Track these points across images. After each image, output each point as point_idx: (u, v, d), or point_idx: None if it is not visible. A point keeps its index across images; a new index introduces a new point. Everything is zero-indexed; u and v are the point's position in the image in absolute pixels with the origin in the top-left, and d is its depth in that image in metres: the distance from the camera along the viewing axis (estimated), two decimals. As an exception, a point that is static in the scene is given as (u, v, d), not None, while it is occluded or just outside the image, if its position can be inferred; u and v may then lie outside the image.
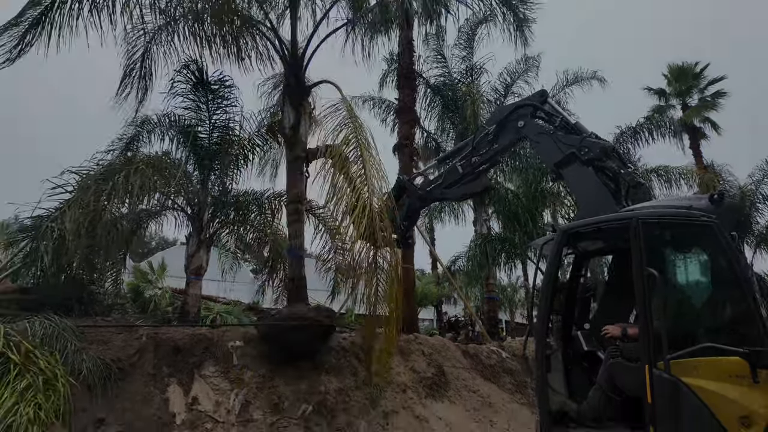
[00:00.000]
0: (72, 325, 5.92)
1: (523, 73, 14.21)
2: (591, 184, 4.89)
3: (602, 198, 4.75)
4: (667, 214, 3.91)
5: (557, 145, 5.25)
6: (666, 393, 3.27)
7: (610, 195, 4.78)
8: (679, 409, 3.23)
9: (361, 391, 6.66)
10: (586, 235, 4.41)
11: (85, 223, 6.34)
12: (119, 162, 7.30)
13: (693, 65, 20.70)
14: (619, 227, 4.01)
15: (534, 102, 5.91)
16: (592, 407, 3.97)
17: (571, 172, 5.11)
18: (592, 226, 4.31)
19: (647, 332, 3.46)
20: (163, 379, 5.89)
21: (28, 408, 4.47)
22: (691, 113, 20.19)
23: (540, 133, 5.57)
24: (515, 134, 5.87)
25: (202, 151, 8.98)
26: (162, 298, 13.68)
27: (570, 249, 4.83)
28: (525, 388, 8.55)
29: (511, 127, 5.85)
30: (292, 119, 7.97)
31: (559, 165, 5.15)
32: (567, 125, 5.48)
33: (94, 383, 5.33)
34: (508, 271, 15.83)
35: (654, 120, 15.15)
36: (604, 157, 4.97)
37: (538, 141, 5.59)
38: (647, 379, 3.33)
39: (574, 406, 4.08)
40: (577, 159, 5.02)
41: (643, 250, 3.63)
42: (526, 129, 5.71)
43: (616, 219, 4.16)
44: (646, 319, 3.49)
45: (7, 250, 8.73)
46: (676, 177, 14.29)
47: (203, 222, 8.90)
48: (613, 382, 3.88)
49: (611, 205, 4.67)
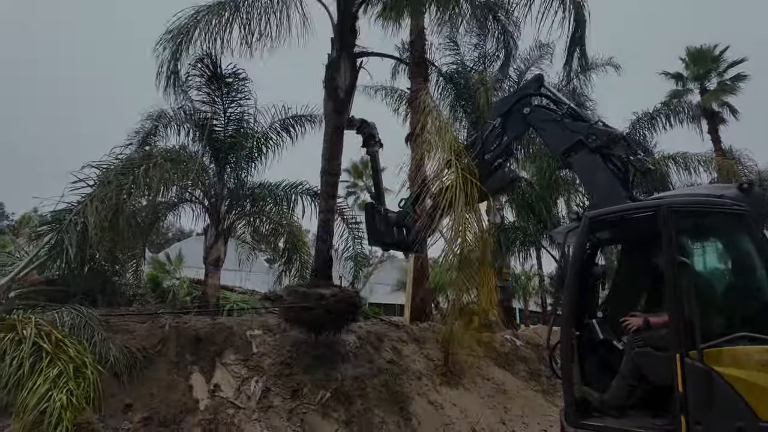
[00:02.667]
0: (98, 315, 6.15)
1: (537, 60, 14.06)
2: (599, 171, 4.85)
3: (611, 185, 4.73)
4: (699, 203, 3.88)
5: (564, 132, 5.20)
6: (699, 382, 3.25)
7: (618, 182, 4.77)
8: (711, 399, 3.22)
9: (377, 378, 6.80)
10: (611, 223, 4.34)
11: (107, 216, 6.51)
12: (138, 156, 7.46)
13: (712, 48, 20.23)
14: (648, 215, 3.94)
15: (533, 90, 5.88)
16: (615, 396, 3.96)
17: (578, 160, 5.09)
18: (619, 214, 4.26)
19: (678, 321, 3.44)
20: (186, 366, 6.09)
21: (60, 394, 4.67)
22: (710, 97, 19.79)
23: (546, 120, 5.50)
24: (522, 124, 5.80)
25: (217, 144, 9.11)
26: (180, 288, 14.00)
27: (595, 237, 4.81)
28: (539, 375, 8.63)
29: (517, 116, 5.78)
30: (349, 80, 7.13)
31: (566, 152, 5.13)
32: (573, 112, 5.45)
33: (121, 371, 5.54)
34: (521, 259, 15.87)
35: (671, 105, 14.88)
36: (612, 144, 4.94)
37: (544, 128, 5.54)
38: (678, 369, 3.33)
39: (596, 395, 4.06)
40: (585, 146, 4.98)
41: (673, 239, 3.60)
42: (531, 116, 5.64)
43: (645, 207, 4.11)
44: (677, 308, 3.47)
45: (33, 243, 9.03)
46: (695, 164, 14.05)
47: (220, 214, 9.06)
48: (638, 372, 3.87)
49: (620, 192, 4.66)
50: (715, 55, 20.13)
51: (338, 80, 7.07)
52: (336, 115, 7.09)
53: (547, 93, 5.89)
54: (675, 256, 3.52)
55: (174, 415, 5.40)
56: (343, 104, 7.08)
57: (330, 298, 6.40)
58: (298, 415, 5.93)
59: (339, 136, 7.11)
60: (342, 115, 7.11)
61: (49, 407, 4.55)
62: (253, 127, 9.72)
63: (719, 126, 19.50)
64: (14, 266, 7.15)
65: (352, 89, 7.14)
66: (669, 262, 3.56)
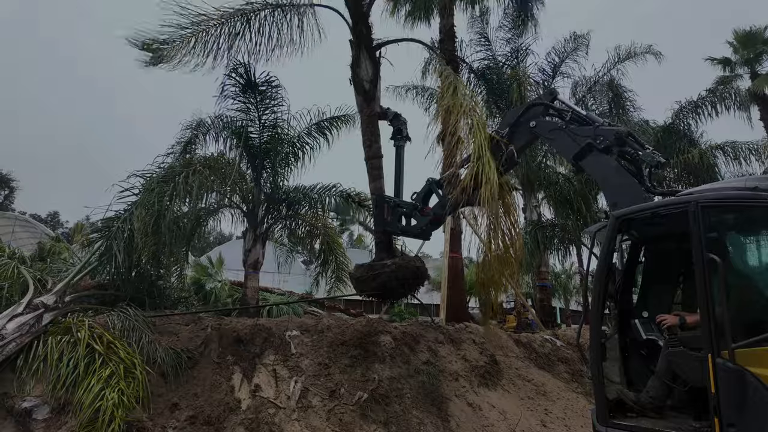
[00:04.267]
0: (144, 317, 6.44)
1: (572, 52, 13.67)
2: (612, 170, 4.88)
3: (626, 182, 4.71)
4: (729, 197, 3.67)
5: (572, 138, 5.30)
6: (731, 383, 3.14)
7: (633, 178, 4.75)
8: (745, 400, 3.10)
9: (414, 379, 6.79)
10: (640, 220, 4.25)
11: (150, 222, 6.80)
12: (179, 164, 7.75)
13: (762, 29, 19.10)
14: (677, 212, 3.81)
15: (544, 101, 6.03)
16: (652, 397, 3.89)
17: (590, 162, 5.14)
18: (647, 212, 4.15)
19: (709, 320, 3.31)
20: (228, 367, 6.28)
21: (112, 393, 4.93)
22: (762, 81, 18.69)
23: (553, 130, 5.65)
24: (529, 134, 5.99)
25: (253, 150, 9.36)
26: (221, 290, 14.47)
27: (625, 235, 4.73)
28: (581, 377, 8.38)
29: (524, 128, 5.98)
30: (371, 72, 7.82)
31: (577, 157, 5.19)
32: (578, 118, 5.57)
33: (167, 371, 5.79)
34: (561, 257, 15.47)
35: (717, 92, 14.13)
36: (620, 142, 4.98)
37: (553, 137, 5.68)
38: (711, 369, 3.22)
39: (632, 395, 3.99)
40: (594, 148, 5.06)
41: (703, 235, 3.46)
42: (538, 128, 5.82)
43: (673, 203, 3.99)
44: (708, 306, 3.33)
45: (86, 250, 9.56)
46: (745, 153, 13.30)
47: (258, 218, 9.30)
48: (672, 372, 3.79)
49: (636, 188, 4.64)
50: (766, 37, 19.01)
51: (361, 74, 7.77)
52: (365, 104, 7.73)
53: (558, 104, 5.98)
54: (705, 254, 3.39)
55: (218, 414, 5.57)
56: (369, 94, 7.70)
57: (392, 265, 6.85)
58: (336, 416, 6.00)
59: (373, 123, 7.69)
60: (371, 104, 7.70)
61: (102, 406, 4.82)
62: (288, 132, 9.94)
63: (773, 112, 18.41)
64: (68, 272, 7.58)
65: (376, 79, 7.74)
66: (699, 259, 3.44)
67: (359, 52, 7.83)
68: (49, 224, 41.87)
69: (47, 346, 5.42)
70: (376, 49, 7.91)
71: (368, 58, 7.80)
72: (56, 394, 5.05)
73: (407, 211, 7.13)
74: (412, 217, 7.10)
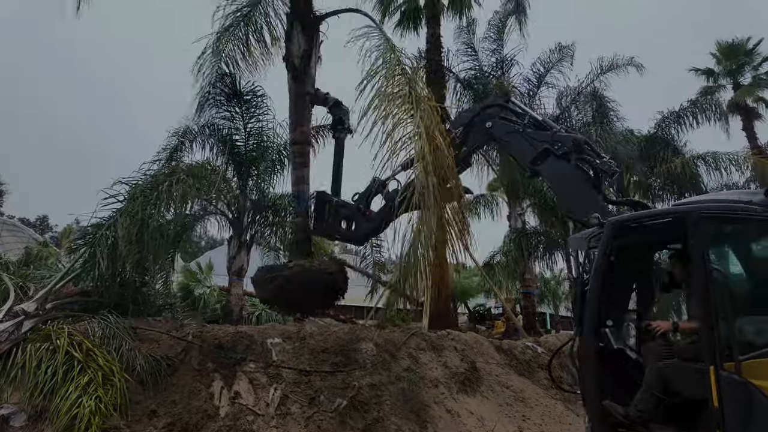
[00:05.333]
0: (126, 324, 6.48)
1: (556, 63, 13.92)
2: (569, 176, 4.88)
3: (583, 190, 4.75)
4: (732, 209, 3.68)
5: (529, 143, 5.25)
6: (736, 396, 3.10)
7: (590, 186, 4.80)
8: (750, 413, 3.09)
9: (394, 386, 6.87)
10: (635, 228, 4.22)
11: (134, 231, 6.86)
12: (163, 172, 7.82)
13: (745, 41, 19.53)
14: (674, 221, 3.88)
15: (499, 102, 5.98)
16: (641, 410, 3.78)
17: (547, 168, 5.11)
18: (644, 220, 4.22)
19: (712, 332, 3.28)
20: (209, 374, 6.33)
21: (90, 401, 4.99)
22: (744, 92, 19.10)
23: (509, 132, 5.54)
24: (484, 135, 5.84)
25: (239, 157, 9.44)
26: (210, 296, 14.47)
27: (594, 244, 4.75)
28: (560, 383, 8.49)
29: (479, 129, 5.84)
30: (303, 46, 7.10)
31: (534, 162, 5.15)
32: (535, 122, 5.49)
33: (146, 379, 5.82)
34: (547, 264, 15.65)
35: (698, 104, 14.44)
36: (578, 149, 4.97)
37: (508, 140, 5.58)
38: (713, 382, 3.17)
39: (620, 408, 3.85)
40: (552, 154, 5.02)
41: (705, 245, 3.49)
42: (494, 129, 5.68)
43: (673, 212, 4.11)
44: (710, 318, 3.32)
45: (69, 256, 9.56)
46: (726, 163, 13.59)
47: (243, 225, 9.37)
48: (665, 384, 3.73)
49: (593, 196, 4.69)
50: (748, 49, 19.45)
51: (292, 49, 7.09)
52: (294, 83, 7.00)
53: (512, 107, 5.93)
54: (707, 265, 3.42)
55: (196, 421, 5.62)
56: (299, 70, 6.97)
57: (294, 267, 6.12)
58: (314, 422, 6.07)
59: (302, 104, 7.00)
60: (301, 83, 6.98)
61: (79, 413, 4.87)
62: (273, 140, 10.04)
63: (755, 122, 18.79)
64: (52, 278, 7.60)
65: (308, 56, 6.99)
66: (700, 269, 3.43)
67: (292, 25, 7.20)
68: (38, 228, 41.51)
69: (26, 354, 5.45)
70: (313, 22, 7.18)
71: (301, 31, 7.10)
72: (33, 401, 5.09)
73: (349, 214, 6.67)
74: (354, 220, 6.64)
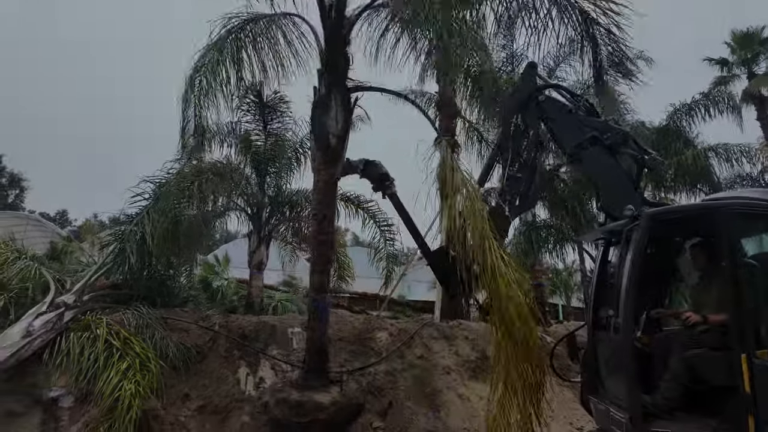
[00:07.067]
0: (157, 315, 6.95)
1: (567, 57, 13.97)
2: (613, 169, 4.82)
3: (624, 183, 4.75)
4: (757, 206, 3.93)
5: (578, 126, 5.04)
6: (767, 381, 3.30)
7: (629, 181, 4.80)
8: None
9: (408, 372, 7.26)
10: (671, 221, 4.34)
11: (165, 226, 7.31)
12: (190, 172, 8.21)
13: (759, 30, 19.29)
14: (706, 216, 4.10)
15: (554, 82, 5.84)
16: (667, 398, 3.90)
17: (591, 155, 4.95)
18: (679, 214, 4.48)
19: (744, 321, 3.50)
20: (235, 361, 6.79)
21: (130, 385, 5.45)
22: (758, 82, 18.90)
23: (560, 110, 5.25)
24: (536, 113, 5.41)
25: (258, 156, 9.85)
26: (228, 288, 14.99)
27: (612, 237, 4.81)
28: (569, 371, 8.79)
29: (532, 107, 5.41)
30: (341, 124, 5.68)
31: (579, 146, 4.97)
32: (588, 107, 5.29)
33: (178, 365, 6.30)
34: (558, 256, 15.83)
35: (711, 96, 14.44)
36: (625, 143, 4.90)
37: (556, 119, 5.25)
38: (745, 369, 3.36)
39: (647, 398, 3.92)
40: (599, 142, 4.87)
41: (738, 240, 3.74)
42: (546, 103, 5.34)
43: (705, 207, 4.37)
44: (742, 308, 3.53)
45: (97, 249, 10.08)
46: (737, 155, 13.62)
47: (262, 221, 9.79)
48: (693, 373, 3.87)
49: (632, 192, 4.70)
50: (763, 38, 19.21)
51: (329, 123, 5.67)
52: (327, 166, 5.68)
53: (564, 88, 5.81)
54: (738, 258, 3.64)
55: (225, 404, 6.09)
56: (335, 153, 5.68)
57: (330, 407, 5.31)
58: (334, 406, 6.47)
59: (332, 191, 5.90)
60: (335, 165, 5.73)
61: (121, 395, 5.34)
62: (291, 139, 10.42)
63: (769, 112, 18.64)
64: (85, 272, 8.08)
65: (345, 134, 5.72)
66: (733, 262, 3.63)
67: (330, 92, 5.71)
68: (57, 222, 42.62)
69: (69, 342, 5.93)
70: (352, 91, 5.88)
71: (341, 103, 5.68)
72: (79, 384, 5.58)
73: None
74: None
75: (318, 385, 5.50)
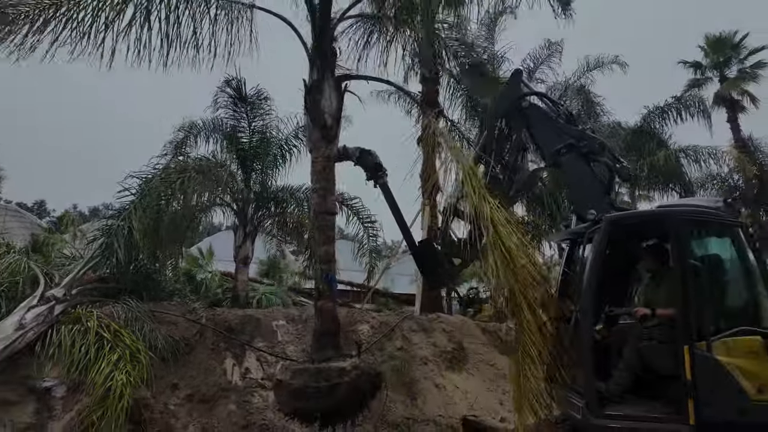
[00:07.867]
0: (145, 308, 7.17)
1: (546, 59, 14.45)
2: (587, 175, 5.17)
3: (595, 190, 5.11)
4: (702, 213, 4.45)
5: (557, 133, 5.34)
6: (706, 370, 3.76)
7: (602, 188, 5.17)
8: (716, 383, 3.76)
9: (387, 364, 7.62)
10: (628, 226, 4.77)
11: (150, 224, 7.51)
12: (174, 168, 8.40)
13: (732, 35, 20.00)
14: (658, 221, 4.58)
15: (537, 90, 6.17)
16: (619, 385, 4.37)
17: (568, 161, 5.26)
18: (636, 218, 4.94)
19: (686, 317, 3.94)
20: (221, 353, 7.08)
21: (121, 375, 5.71)
22: (730, 85, 19.64)
23: (542, 116, 5.56)
24: (520, 117, 5.68)
25: (243, 153, 10.06)
26: (212, 281, 15.14)
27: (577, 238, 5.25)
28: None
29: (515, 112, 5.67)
30: (335, 105, 6.14)
31: (557, 152, 5.26)
32: (567, 116, 5.63)
33: (167, 356, 6.56)
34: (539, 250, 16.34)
35: (683, 100, 15.06)
36: (601, 152, 5.25)
37: (538, 126, 5.54)
38: (687, 359, 3.82)
39: (602, 385, 4.37)
40: (575, 149, 5.17)
41: (686, 244, 4.21)
42: (530, 110, 5.62)
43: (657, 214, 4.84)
44: (687, 305, 3.97)
45: (82, 243, 10.20)
46: (705, 157, 14.28)
47: (247, 216, 10.02)
48: (644, 363, 4.36)
49: (602, 197, 5.07)
50: (735, 43, 19.92)
51: (323, 104, 6.11)
52: (325, 143, 6.11)
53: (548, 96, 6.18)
54: (686, 259, 4.10)
55: (212, 393, 6.39)
56: (331, 131, 6.14)
57: (352, 371, 5.16)
58: (317, 395, 6.82)
59: (331, 168, 6.24)
60: (332, 143, 6.19)
61: (112, 385, 5.59)
62: (275, 135, 10.64)
63: (739, 115, 19.41)
64: (72, 266, 8.24)
65: (339, 114, 6.21)
66: (680, 264, 4.09)
67: (323, 78, 6.21)
68: (36, 213, 41.92)
69: (61, 334, 6.13)
70: (342, 79, 6.43)
71: (334, 87, 6.22)
72: (71, 375, 5.81)
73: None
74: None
75: (334, 354, 5.47)
